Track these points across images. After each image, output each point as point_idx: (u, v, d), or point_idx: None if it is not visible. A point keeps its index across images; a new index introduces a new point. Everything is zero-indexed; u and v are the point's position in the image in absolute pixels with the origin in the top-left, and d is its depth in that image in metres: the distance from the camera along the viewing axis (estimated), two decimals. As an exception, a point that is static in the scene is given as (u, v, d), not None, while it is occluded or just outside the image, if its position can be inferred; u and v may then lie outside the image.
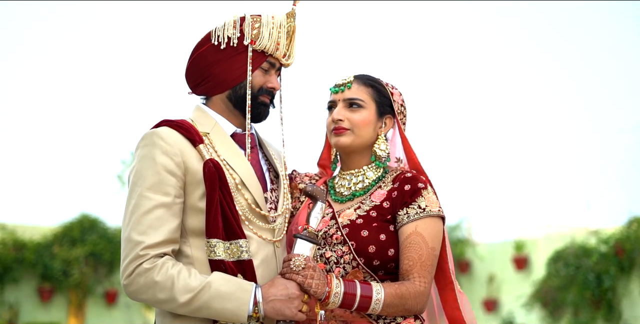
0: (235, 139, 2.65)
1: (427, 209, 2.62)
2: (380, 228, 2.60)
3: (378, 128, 2.74)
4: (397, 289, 2.53)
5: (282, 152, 2.75)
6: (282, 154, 2.75)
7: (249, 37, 2.60)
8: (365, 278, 2.59)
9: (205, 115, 2.64)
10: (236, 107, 2.64)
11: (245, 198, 2.54)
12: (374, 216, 2.62)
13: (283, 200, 2.66)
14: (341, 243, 2.60)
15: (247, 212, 2.54)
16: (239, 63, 2.61)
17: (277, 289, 2.42)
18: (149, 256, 2.39)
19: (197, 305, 2.37)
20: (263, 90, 2.65)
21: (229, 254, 2.46)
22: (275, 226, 2.60)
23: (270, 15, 2.65)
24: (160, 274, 2.37)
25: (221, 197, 2.47)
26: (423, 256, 2.57)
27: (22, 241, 12.47)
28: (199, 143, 2.52)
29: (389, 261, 2.59)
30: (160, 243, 2.41)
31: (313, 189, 2.60)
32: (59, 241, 12.74)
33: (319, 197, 2.58)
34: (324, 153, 2.92)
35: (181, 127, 2.53)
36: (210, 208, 2.46)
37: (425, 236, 2.59)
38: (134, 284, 2.39)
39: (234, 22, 2.61)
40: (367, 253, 2.57)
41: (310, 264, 2.46)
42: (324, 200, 2.59)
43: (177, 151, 2.48)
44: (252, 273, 2.47)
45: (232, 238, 2.47)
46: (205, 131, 2.59)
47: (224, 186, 2.48)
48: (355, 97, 2.73)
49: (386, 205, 2.64)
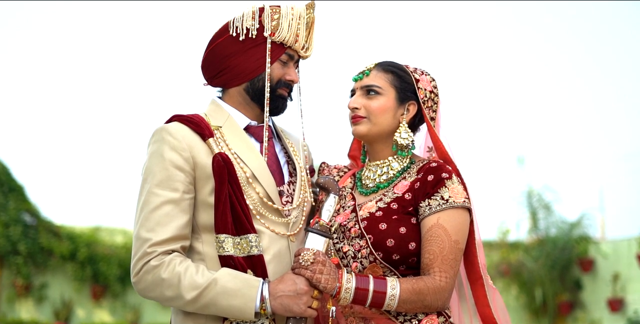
0: (250, 132, 2.59)
1: (450, 201, 2.48)
2: (401, 221, 2.48)
3: (399, 115, 2.62)
4: (414, 285, 2.40)
5: (301, 144, 2.68)
6: (300, 146, 2.67)
7: (268, 28, 2.54)
8: (385, 273, 2.47)
9: (219, 108, 2.59)
10: (253, 100, 2.58)
11: (256, 192, 2.47)
12: (395, 208, 2.50)
13: (299, 193, 2.57)
14: (359, 237, 2.49)
15: (258, 206, 2.47)
16: (258, 55, 2.55)
17: (285, 284, 2.35)
18: (157, 253, 2.36)
19: (204, 302, 2.33)
20: (281, 83, 2.58)
21: (239, 250, 2.40)
22: (290, 220, 2.52)
23: (289, 7, 2.58)
24: (167, 272, 2.34)
25: (230, 192, 2.41)
26: (445, 249, 2.43)
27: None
28: (208, 137, 2.48)
29: (410, 256, 2.46)
30: (168, 239, 2.37)
31: (325, 181, 2.51)
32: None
33: (331, 190, 2.49)
34: (353, 144, 2.83)
35: (191, 122, 2.49)
36: (218, 203, 2.41)
37: (447, 229, 2.45)
38: (142, 281, 2.37)
39: (252, 13, 2.55)
40: (385, 246, 2.45)
41: (319, 258, 2.37)
42: (336, 192, 2.50)
43: (185, 146, 2.44)
44: (263, 269, 2.41)
45: (242, 233, 2.41)
46: (217, 124, 2.54)
47: (233, 180, 2.42)
48: (371, 83, 2.62)
49: (408, 197, 2.52)
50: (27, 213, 12.63)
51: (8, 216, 12.25)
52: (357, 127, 2.62)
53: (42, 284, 12.46)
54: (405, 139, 2.59)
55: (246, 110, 2.60)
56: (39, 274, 12.51)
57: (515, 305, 12.93)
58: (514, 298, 13.01)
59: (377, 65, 2.67)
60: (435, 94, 2.67)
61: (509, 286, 13.15)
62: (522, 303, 12.99)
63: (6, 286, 12.36)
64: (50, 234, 12.61)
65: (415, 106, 2.63)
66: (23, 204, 12.55)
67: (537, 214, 13.10)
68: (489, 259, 13.48)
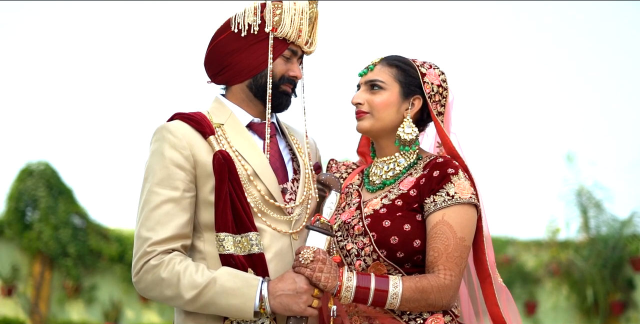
0: (253, 129, 2.57)
1: (456, 197, 2.41)
2: (405, 218, 2.42)
3: (404, 110, 2.56)
4: (417, 283, 2.34)
5: (305, 141, 2.64)
6: (305, 142, 2.63)
7: (270, 24, 2.51)
8: (389, 271, 2.42)
9: (222, 106, 2.57)
10: (257, 97, 2.55)
11: (258, 189, 2.44)
12: (400, 205, 2.45)
13: (303, 190, 2.54)
14: (362, 234, 2.44)
15: (260, 204, 2.44)
16: (260, 51, 2.52)
17: (285, 283, 2.31)
18: (156, 253, 2.34)
19: (203, 302, 2.30)
20: (285, 79, 2.55)
21: (240, 248, 2.37)
22: (292, 218, 2.48)
23: (292, 2, 2.55)
24: (166, 271, 2.32)
25: (231, 189, 2.39)
26: (450, 246, 2.37)
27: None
28: (209, 135, 2.45)
29: (415, 253, 2.41)
30: (168, 238, 2.36)
31: (326, 178, 2.47)
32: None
33: (332, 187, 2.45)
34: (362, 140, 2.78)
35: (192, 120, 2.47)
36: (218, 201, 2.38)
37: (453, 226, 2.39)
38: (142, 281, 2.35)
39: (254, 8, 2.53)
40: (389, 244, 2.39)
41: (319, 256, 2.33)
42: (338, 189, 2.45)
43: (185, 144, 2.42)
44: (263, 267, 2.37)
45: (242, 231, 2.38)
46: (219, 122, 2.52)
47: (233, 178, 2.40)
48: (375, 78, 2.56)
49: (413, 193, 2.46)
50: (77, 216, 12.81)
51: (58, 218, 12.43)
52: (360, 122, 2.57)
53: (91, 286, 12.62)
54: (409, 134, 2.54)
55: (249, 107, 2.57)
56: (89, 276, 12.67)
57: (566, 305, 12.70)
58: (564, 298, 12.78)
59: (383, 59, 2.62)
60: (444, 88, 2.60)
61: (560, 286, 12.92)
62: (573, 303, 12.75)
63: (56, 287, 12.56)
64: (99, 236, 12.76)
65: (421, 101, 2.57)
66: (72, 207, 12.73)
67: (587, 212, 12.83)
68: (539, 258, 13.29)
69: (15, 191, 12.72)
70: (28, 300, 12.45)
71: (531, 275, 13.23)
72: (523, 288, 13.06)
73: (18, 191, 12.68)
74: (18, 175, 12.88)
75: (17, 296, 12.41)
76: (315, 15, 2.60)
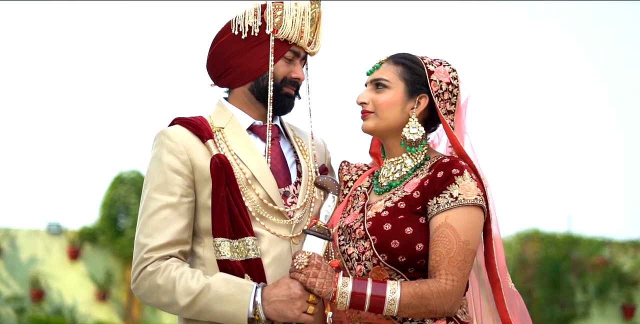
0: (255, 132, 2.53)
1: (460, 198, 2.31)
2: (407, 221, 2.33)
3: (409, 109, 2.47)
4: (416, 288, 2.25)
5: (310, 142, 2.59)
6: (309, 144, 2.58)
7: (270, 25, 2.47)
8: (391, 276, 2.33)
9: (223, 109, 2.54)
10: (259, 100, 2.51)
11: (256, 193, 2.40)
12: (402, 207, 2.36)
13: (304, 193, 2.48)
14: (363, 238, 2.36)
15: (258, 208, 2.40)
16: (261, 53, 2.48)
17: (279, 289, 2.26)
18: (153, 259, 2.33)
19: (198, 308, 2.28)
20: (287, 80, 2.50)
21: (237, 253, 2.34)
22: (292, 221, 2.43)
23: (293, 2, 2.50)
24: (162, 277, 2.30)
25: (228, 194, 2.36)
26: (452, 250, 2.27)
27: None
28: (207, 139, 2.43)
29: (418, 257, 2.31)
30: (165, 244, 2.34)
31: (323, 180, 2.40)
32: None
33: (330, 190, 2.39)
34: (373, 141, 2.70)
35: (190, 124, 2.45)
36: (215, 206, 2.35)
37: (456, 228, 2.29)
38: (140, 288, 2.35)
39: (254, 10, 2.49)
40: (389, 248, 2.31)
41: (313, 261, 2.27)
42: (335, 192, 2.39)
43: (182, 149, 2.40)
44: (260, 273, 2.34)
45: (239, 236, 2.35)
46: (220, 125, 2.49)
47: (230, 182, 2.37)
48: (380, 77, 2.49)
49: (416, 195, 2.37)
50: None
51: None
52: (364, 122, 2.50)
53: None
54: (415, 134, 2.44)
55: (251, 110, 2.54)
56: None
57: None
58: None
59: (390, 57, 2.54)
60: (455, 86, 2.50)
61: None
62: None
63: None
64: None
65: (427, 99, 2.48)
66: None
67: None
68: (637, 260, 12.79)
69: (108, 198, 13.11)
70: (122, 305, 12.79)
71: (629, 277, 12.75)
72: (620, 290, 12.60)
73: (111, 198, 13.07)
74: (111, 183, 13.27)
75: (111, 301, 12.76)
76: (318, 15, 2.55)
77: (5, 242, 12.66)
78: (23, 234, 12.90)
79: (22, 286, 12.52)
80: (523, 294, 10.05)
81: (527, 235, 13.15)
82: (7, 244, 12.70)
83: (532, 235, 13.15)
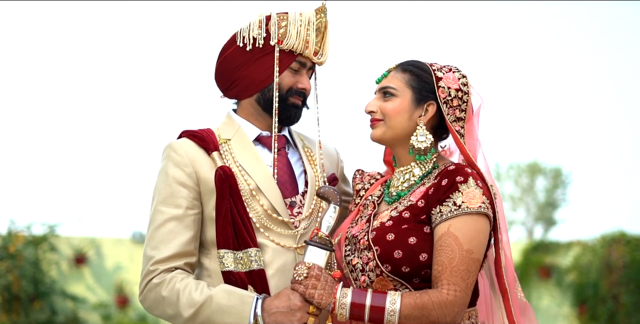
0: (262, 143, 2.53)
1: (463, 206, 2.25)
2: (411, 230, 2.29)
3: (417, 117, 2.43)
4: (417, 299, 2.20)
5: (318, 152, 2.57)
6: (317, 153, 2.57)
7: (275, 36, 2.47)
8: (396, 287, 2.29)
9: (231, 121, 2.56)
10: (265, 111, 2.52)
11: (260, 204, 2.41)
12: (406, 217, 2.32)
13: (310, 203, 2.47)
14: (367, 249, 2.33)
15: (263, 219, 2.40)
16: (266, 65, 2.48)
17: (280, 300, 2.25)
18: (159, 271, 2.36)
19: (201, 320, 2.29)
20: (293, 91, 2.50)
21: (241, 265, 2.35)
22: (297, 232, 2.42)
23: (297, 13, 2.50)
24: (167, 289, 2.33)
25: (231, 205, 2.37)
26: (454, 260, 2.22)
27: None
28: (212, 151, 2.44)
29: (422, 268, 2.27)
30: (170, 257, 2.36)
31: (325, 190, 2.38)
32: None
33: (331, 200, 2.36)
34: (386, 148, 2.66)
35: (196, 136, 2.47)
36: (219, 217, 2.37)
37: (459, 237, 2.23)
38: (147, 300, 2.38)
39: (259, 21, 2.49)
40: (393, 258, 2.27)
41: (312, 272, 2.25)
42: (337, 202, 2.36)
43: (187, 162, 2.42)
44: (263, 284, 2.34)
45: (243, 247, 2.36)
46: (227, 137, 2.50)
47: (234, 194, 2.37)
48: (387, 85, 2.45)
49: (421, 204, 2.33)
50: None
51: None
52: (373, 131, 2.47)
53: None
54: (423, 143, 2.40)
55: (258, 121, 2.54)
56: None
57: None
58: None
59: (398, 65, 2.50)
60: (465, 92, 2.44)
61: None
62: None
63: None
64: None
65: (435, 106, 2.43)
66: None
67: None
68: None
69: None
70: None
71: None
72: None
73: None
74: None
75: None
76: (325, 25, 2.53)
77: (91, 251, 13.03)
78: (108, 243, 13.25)
79: (108, 293, 12.86)
80: (609, 299, 9.76)
81: (612, 238, 12.74)
82: (93, 253, 13.07)
83: (618, 238, 12.73)
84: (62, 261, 12.62)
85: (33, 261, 11.98)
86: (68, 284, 12.53)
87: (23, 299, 11.84)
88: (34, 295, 11.88)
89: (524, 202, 33.73)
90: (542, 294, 13.16)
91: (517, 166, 34.19)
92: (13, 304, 11.79)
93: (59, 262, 12.52)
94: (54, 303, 11.98)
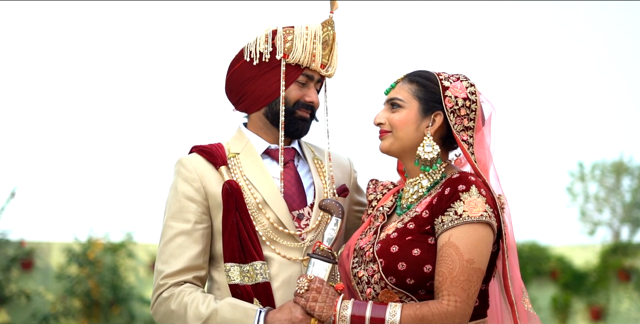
0: (270, 155, 2.56)
1: (464, 215, 2.23)
2: (415, 242, 2.28)
3: (424, 128, 2.41)
4: (417, 310, 2.19)
5: (328, 164, 2.58)
6: (327, 165, 2.58)
7: (281, 50, 2.50)
8: (401, 299, 2.29)
9: (241, 135, 2.59)
10: (273, 124, 2.54)
11: (267, 218, 2.43)
12: (411, 228, 2.31)
13: (317, 215, 2.48)
14: (372, 261, 2.33)
15: (269, 232, 2.42)
16: (273, 79, 2.51)
17: (282, 313, 2.28)
18: (168, 285, 2.41)
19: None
20: (300, 104, 2.52)
21: (247, 278, 2.38)
22: (304, 244, 2.44)
23: (303, 26, 2.52)
24: (175, 303, 2.37)
25: (238, 219, 2.40)
26: (455, 270, 2.20)
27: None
28: (220, 166, 2.48)
29: (427, 279, 2.25)
30: (179, 271, 2.41)
31: (327, 203, 2.39)
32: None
33: (333, 212, 2.37)
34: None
35: (204, 151, 2.51)
36: (225, 231, 2.41)
37: (459, 247, 2.21)
38: (157, 313, 2.43)
39: (265, 36, 2.52)
40: (397, 271, 2.27)
41: (313, 285, 2.26)
42: (338, 215, 2.36)
43: (195, 177, 2.46)
44: (269, 297, 2.36)
45: (249, 261, 2.39)
46: (236, 151, 2.54)
47: (240, 207, 2.41)
48: (394, 96, 2.45)
49: (425, 214, 2.31)
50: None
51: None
52: (381, 142, 2.47)
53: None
54: (429, 153, 2.38)
55: (267, 134, 2.57)
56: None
57: None
58: None
59: (405, 76, 2.49)
60: (472, 101, 2.41)
61: None
62: None
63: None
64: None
65: (442, 116, 2.41)
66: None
67: None
68: None
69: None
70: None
71: None
72: None
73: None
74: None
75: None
76: (332, 37, 2.54)
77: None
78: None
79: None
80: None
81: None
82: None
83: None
84: (139, 267, 12.91)
85: (111, 268, 12.32)
86: (146, 289, 12.80)
87: (102, 305, 12.18)
88: (113, 301, 12.22)
89: (609, 203, 32.88)
90: (622, 297, 12.81)
91: (601, 164, 33.35)
92: (93, 309, 12.15)
93: (136, 268, 12.82)
94: (132, 309, 12.28)
